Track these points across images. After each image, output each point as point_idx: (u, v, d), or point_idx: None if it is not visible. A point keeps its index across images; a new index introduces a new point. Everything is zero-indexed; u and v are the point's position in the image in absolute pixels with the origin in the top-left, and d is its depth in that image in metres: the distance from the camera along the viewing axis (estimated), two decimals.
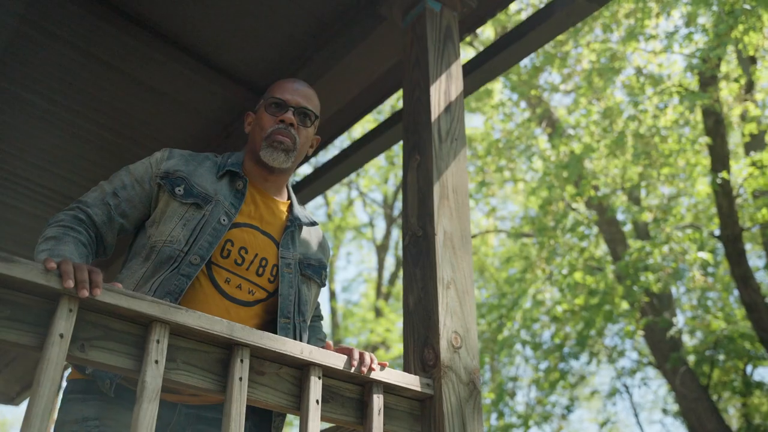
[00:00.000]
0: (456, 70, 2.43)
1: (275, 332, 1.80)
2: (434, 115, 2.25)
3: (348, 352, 1.69)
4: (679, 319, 9.93)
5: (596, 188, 8.50)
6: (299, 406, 1.60)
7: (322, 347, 1.80)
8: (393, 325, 14.79)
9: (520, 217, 13.69)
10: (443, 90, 2.33)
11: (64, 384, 1.71)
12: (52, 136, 3.60)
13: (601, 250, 9.82)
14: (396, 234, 16.69)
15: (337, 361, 1.66)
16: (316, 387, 1.61)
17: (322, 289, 2.01)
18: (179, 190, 1.81)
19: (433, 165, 2.15)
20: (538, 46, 2.85)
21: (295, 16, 2.92)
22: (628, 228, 9.64)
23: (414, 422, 1.82)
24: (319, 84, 3.03)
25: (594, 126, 8.43)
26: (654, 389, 15.94)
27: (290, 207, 1.99)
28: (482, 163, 10.46)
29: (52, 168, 3.83)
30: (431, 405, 1.82)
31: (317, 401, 1.59)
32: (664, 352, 8.27)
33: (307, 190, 3.76)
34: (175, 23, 2.98)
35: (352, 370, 1.67)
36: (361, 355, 1.69)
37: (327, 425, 1.85)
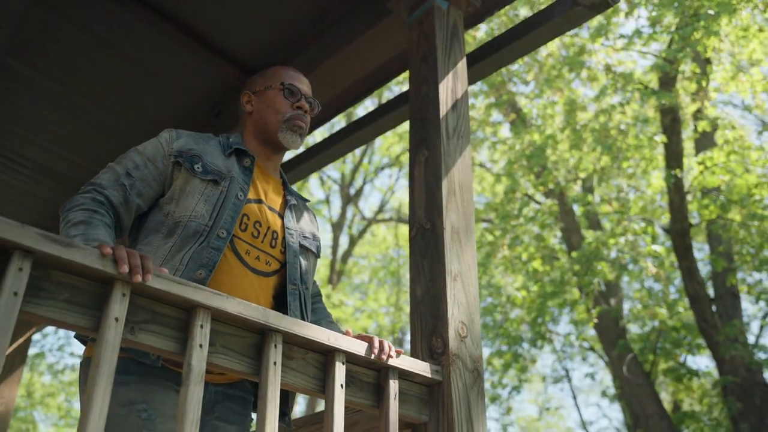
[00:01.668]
0: (461, 68, 2.51)
1: (285, 300, 1.91)
2: (442, 112, 2.33)
3: (368, 339, 1.78)
4: (624, 308, 10.32)
5: (556, 179, 8.73)
6: (323, 390, 1.69)
7: (340, 332, 1.88)
8: (343, 303, 14.88)
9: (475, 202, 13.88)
10: (450, 88, 2.41)
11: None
12: (38, 106, 3.55)
13: (556, 238, 10.09)
14: (351, 213, 16.75)
15: (359, 347, 1.75)
16: (340, 372, 1.69)
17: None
18: (198, 167, 1.87)
19: (441, 161, 2.24)
20: (532, 49, 2.94)
21: (297, 2, 2.95)
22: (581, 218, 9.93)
23: (423, 406, 1.92)
24: (317, 71, 3.08)
25: (557, 116, 8.62)
26: (593, 373, 16.50)
27: (284, 184, 2.12)
28: None
29: (35, 138, 3.77)
30: (440, 390, 1.92)
31: (341, 385, 1.68)
32: (612, 339, 8.61)
33: (293, 172, 3.80)
34: (176, 2, 2.97)
35: (373, 357, 1.76)
36: (381, 343, 1.78)
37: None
